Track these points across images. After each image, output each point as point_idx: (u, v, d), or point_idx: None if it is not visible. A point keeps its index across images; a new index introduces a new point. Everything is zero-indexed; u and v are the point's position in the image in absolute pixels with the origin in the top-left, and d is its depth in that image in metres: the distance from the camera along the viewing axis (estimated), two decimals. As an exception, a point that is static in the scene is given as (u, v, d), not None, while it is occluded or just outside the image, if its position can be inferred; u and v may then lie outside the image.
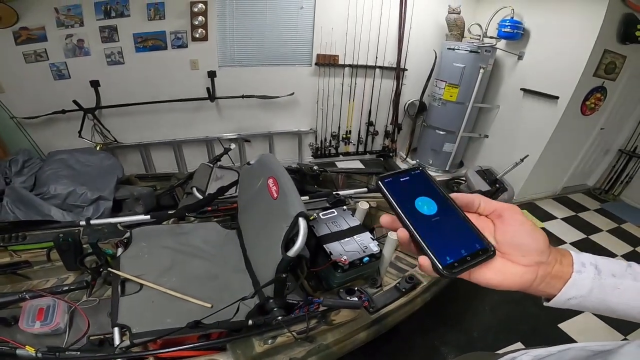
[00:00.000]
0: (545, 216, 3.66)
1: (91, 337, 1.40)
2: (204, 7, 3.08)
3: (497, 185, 3.47)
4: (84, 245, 1.67)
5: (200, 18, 3.12)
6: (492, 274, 0.41)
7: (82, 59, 3.04)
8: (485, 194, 2.38)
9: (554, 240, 3.24)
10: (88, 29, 2.94)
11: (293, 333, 1.30)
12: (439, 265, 0.39)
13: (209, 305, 1.42)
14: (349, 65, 3.76)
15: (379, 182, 0.45)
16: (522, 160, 3.29)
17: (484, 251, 0.41)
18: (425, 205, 0.44)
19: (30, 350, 1.17)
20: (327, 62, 3.67)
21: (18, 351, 1.16)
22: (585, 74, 3.03)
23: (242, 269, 1.68)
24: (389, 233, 1.67)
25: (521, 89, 3.53)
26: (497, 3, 3.44)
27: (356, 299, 1.53)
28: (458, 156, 4.25)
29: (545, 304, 0.44)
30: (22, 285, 1.69)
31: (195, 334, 1.29)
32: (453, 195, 0.45)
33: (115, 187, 2.61)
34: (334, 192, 2.28)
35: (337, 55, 3.67)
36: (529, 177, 3.65)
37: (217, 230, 1.88)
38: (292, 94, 3.67)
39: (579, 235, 3.36)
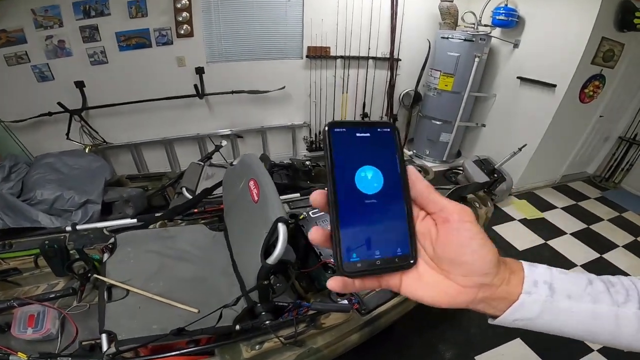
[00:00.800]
0: (545, 206, 3.62)
1: (83, 343, 1.39)
2: (187, 2, 3.00)
3: (495, 175, 3.44)
4: (71, 251, 1.64)
5: (185, 14, 3.04)
6: (423, 291, 0.35)
7: (65, 59, 2.97)
8: (484, 185, 2.35)
9: (555, 231, 3.20)
10: (68, 29, 2.87)
11: (280, 338, 1.27)
12: (340, 260, 0.32)
13: (196, 311, 1.39)
14: (341, 57, 3.69)
15: (326, 129, 0.34)
16: (520, 149, 3.26)
17: (402, 259, 0.34)
18: (370, 179, 0.34)
19: (22, 357, 1.16)
20: (319, 54, 3.59)
21: (11, 357, 1.16)
22: (583, 62, 2.96)
23: (229, 272, 1.64)
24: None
25: (518, 77, 3.47)
26: (490, -11, 3.35)
27: (346, 301, 1.49)
28: (455, 146, 4.21)
29: (490, 321, 0.38)
30: (14, 291, 1.66)
31: (179, 340, 1.26)
32: (410, 174, 0.36)
33: (103, 189, 2.57)
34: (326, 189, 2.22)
35: (329, 47, 3.59)
36: (527, 166, 3.61)
37: (204, 233, 1.84)
38: (283, 87, 3.60)
39: (579, 225, 3.32)
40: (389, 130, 0.36)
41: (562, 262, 2.81)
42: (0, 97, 2.94)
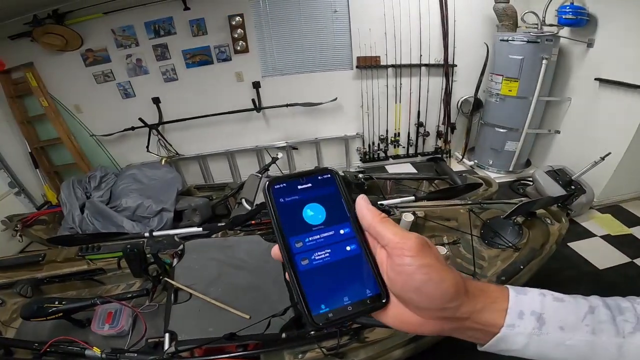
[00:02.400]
0: (633, 220, 3.16)
1: (149, 340, 1.56)
2: (240, 19, 3.24)
3: (573, 187, 3.10)
4: (147, 255, 1.85)
5: (239, 31, 3.29)
6: (389, 319, 0.35)
7: (143, 77, 3.39)
8: (557, 199, 2.15)
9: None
10: (143, 48, 3.27)
11: (323, 349, 1.31)
12: (308, 315, 0.32)
13: (248, 317, 1.50)
14: (392, 66, 3.65)
15: (266, 188, 0.35)
16: (602, 158, 2.94)
17: (375, 299, 0.33)
18: (321, 227, 0.35)
19: (96, 351, 1.35)
20: (369, 64, 3.60)
21: (87, 352, 1.36)
22: (672, 60, 2.56)
23: (281, 282, 1.72)
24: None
25: (596, 79, 3.10)
26: (551, -12, 3.08)
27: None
28: (524, 155, 3.88)
29: (479, 348, 0.36)
30: (97, 289, 1.95)
31: (231, 344, 1.37)
32: (357, 207, 0.36)
33: (176, 199, 2.87)
34: (378, 202, 2.22)
35: (379, 56, 3.58)
36: (612, 177, 3.19)
37: (260, 244, 1.96)
38: (335, 99, 3.67)
39: (676, 243, 2.84)
40: (329, 176, 0.38)
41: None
42: (93, 112, 3.45)
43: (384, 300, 0.34)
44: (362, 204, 0.36)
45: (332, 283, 0.34)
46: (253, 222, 2.14)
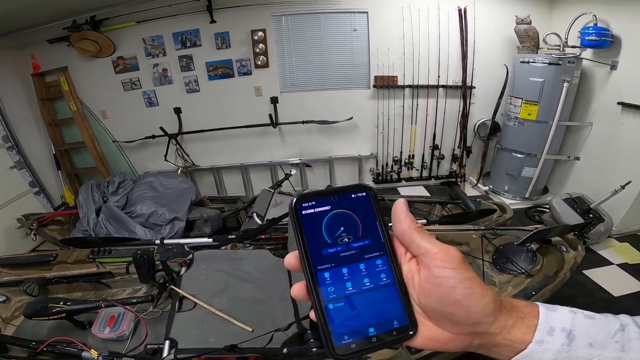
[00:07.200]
0: (653, 250, 3.03)
1: (148, 346, 1.54)
2: (263, 35, 3.34)
3: (591, 216, 3.00)
4: (156, 262, 1.86)
5: (261, 45, 3.39)
6: (416, 338, 0.34)
7: (167, 87, 3.50)
8: (574, 227, 2.08)
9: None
10: (170, 58, 3.38)
11: (324, 368, 1.27)
12: (330, 347, 0.30)
13: (250, 330, 1.48)
14: (409, 86, 3.65)
15: (294, 205, 0.33)
16: (622, 187, 2.85)
17: (401, 331, 0.32)
18: (350, 251, 0.33)
19: (93, 354, 1.35)
20: (386, 84, 3.61)
21: (84, 354, 1.35)
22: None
23: (286, 297, 1.70)
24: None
25: (618, 103, 3.03)
26: (573, 10, 3.07)
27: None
28: (541, 181, 3.78)
29: None
30: (103, 292, 1.96)
31: (231, 355, 1.34)
32: (394, 210, 0.34)
33: (188, 208, 2.91)
34: (389, 224, 2.19)
35: (396, 76, 3.60)
36: (632, 206, 3.07)
37: (268, 258, 1.96)
38: (351, 118, 3.69)
39: (695, 273, 2.69)
40: (364, 193, 0.34)
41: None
42: (117, 119, 3.56)
43: (411, 332, 0.32)
44: (401, 207, 0.34)
45: (358, 313, 0.32)
46: (263, 236, 2.15)
